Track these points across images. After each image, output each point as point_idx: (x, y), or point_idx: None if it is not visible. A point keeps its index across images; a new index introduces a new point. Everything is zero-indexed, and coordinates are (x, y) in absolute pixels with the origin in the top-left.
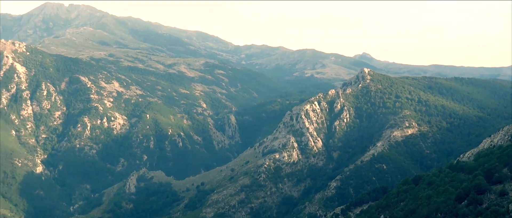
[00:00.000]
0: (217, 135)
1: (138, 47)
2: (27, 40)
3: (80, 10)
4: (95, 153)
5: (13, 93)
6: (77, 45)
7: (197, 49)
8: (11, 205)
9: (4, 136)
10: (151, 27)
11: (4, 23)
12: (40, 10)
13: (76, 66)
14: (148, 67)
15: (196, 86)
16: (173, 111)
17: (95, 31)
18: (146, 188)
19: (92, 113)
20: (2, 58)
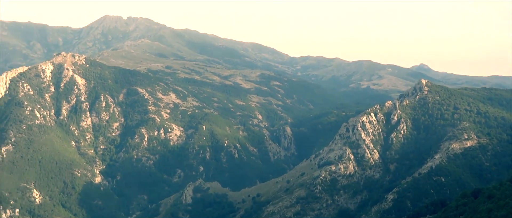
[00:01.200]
0: (272, 146)
1: (195, 59)
2: (86, 52)
3: (138, 23)
4: (152, 164)
5: (73, 105)
6: (135, 57)
7: (253, 61)
8: (71, 215)
9: (64, 147)
10: (208, 39)
11: (65, 36)
12: (100, 23)
13: (134, 78)
14: (205, 79)
15: (252, 98)
16: (229, 122)
17: (152, 43)
18: (202, 199)
19: (149, 124)
20: (63, 71)
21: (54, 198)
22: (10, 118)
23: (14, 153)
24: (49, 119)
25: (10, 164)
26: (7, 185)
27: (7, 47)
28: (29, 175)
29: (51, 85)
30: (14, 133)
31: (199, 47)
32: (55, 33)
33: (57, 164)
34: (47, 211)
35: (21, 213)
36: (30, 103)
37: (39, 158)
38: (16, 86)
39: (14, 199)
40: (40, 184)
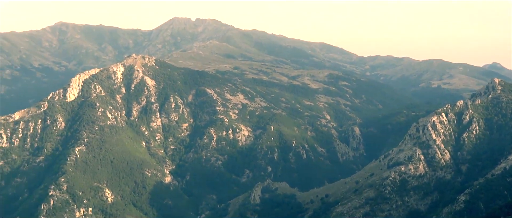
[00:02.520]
0: (341, 146)
1: (263, 60)
2: (156, 54)
3: (206, 25)
4: (221, 164)
5: (143, 106)
6: (203, 58)
7: (321, 61)
8: (142, 214)
9: (135, 147)
10: (275, 39)
11: (135, 38)
12: (169, 25)
13: (202, 79)
14: (272, 79)
15: (320, 98)
16: (297, 122)
17: (220, 44)
18: (271, 199)
19: (218, 125)
20: (133, 72)
21: (126, 197)
22: (83, 119)
23: (87, 153)
24: (120, 119)
25: (83, 164)
26: (80, 184)
27: (80, 49)
28: (101, 175)
29: (122, 86)
30: (87, 133)
31: (267, 48)
32: (126, 36)
33: (128, 164)
34: (119, 210)
35: (94, 212)
36: (102, 105)
37: (111, 158)
38: (88, 88)
39: (87, 198)
40: (112, 183)
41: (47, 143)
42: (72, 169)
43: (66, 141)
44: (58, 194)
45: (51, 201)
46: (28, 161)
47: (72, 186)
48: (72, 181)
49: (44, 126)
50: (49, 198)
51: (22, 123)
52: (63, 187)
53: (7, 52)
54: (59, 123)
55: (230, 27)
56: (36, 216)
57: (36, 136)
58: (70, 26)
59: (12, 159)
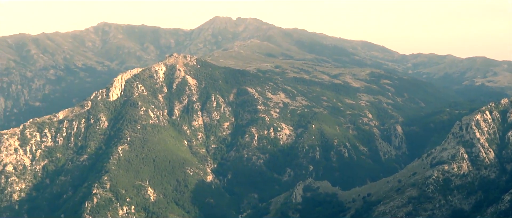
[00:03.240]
0: (383, 145)
1: (304, 58)
2: (197, 53)
3: (247, 24)
4: (262, 163)
5: (185, 105)
6: (244, 57)
7: (362, 59)
8: (184, 212)
9: (177, 146)
10: (316, 38)
11: (177, 38)
12: (210, 24)
13: (243, 78)
14: (314, 78)
15: (361, 96)
16: (339, 121)
17: (261, 43)
18: (312, 198)
19: (259, 124)
20: (175, 72)
21: (168, 195)
22: (125, 118)
23: (129, 152)
24: (162, 118)
25: (126, 162)
26: (123, 182)
27: (122, 49)
28: (144, 173)
29: (164, 86)
30: (130, 132)
31: (308, 46)
32: (167, 35)
33: (170, 162)
34: (161, 208)
35: (136, 210)
36: (144, 104)
37: (153, 156)
38: (131, 87)
39: (130, 197)
40: (154, 182)
41: (90, 142)
42: (115, 168)
43: (109, 139)
44: (102, 192)
45: (95, 199)
46: (72, 160)
47: (115, 185)
48: (115, 179)
49: (87, 125)
50: (92, 196)
51: (66, 122)
52: (106, 186)
53: (51, 52)
54: (102, 122)
55: (271, 26)
56: (80, 214)
57: (79, 135)
58: (113, 26)
59: (57, 157)
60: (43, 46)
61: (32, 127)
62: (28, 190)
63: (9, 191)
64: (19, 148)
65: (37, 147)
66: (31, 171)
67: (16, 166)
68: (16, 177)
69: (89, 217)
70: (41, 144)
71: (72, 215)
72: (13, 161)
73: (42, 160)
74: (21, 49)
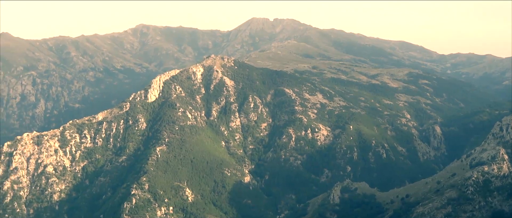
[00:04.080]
0: (421, 146)
1: (341, 59)
2: (235, 54)
3: (284, 24)
4: (299, 164)
5: (222, 106)
6: (281, 58)
7: (401, 59)
8: (222, 213)
9: (214, 147)
10: (354, 38)
11: (214, 39)
12: (247, 25)
13: (281, 79)
14: (351, 78)
15: (399, 97)
16: (377, 121)
17: (299, 44)
18: (350, 199)
19: (296, 124)
20: (212, 73)
21: (206, 196)
22: (163, 119)
23: (167, 152)
24: (200, 119)
25: (164, 163)
26: (161, 183)
27: (160, 51)
28: (181, 174)
29: (202, 87)
30: (168, 133)
31: (345, 47)
32: (205, 37)
33: (208, 163)
34: (199, 209)
35: (174, 210)
36: (182, 105)
37: (191, 157)
38: (169, 89)
39: (168, 197)
40: (192, 182)
41: (129, 143)
42: (154, 169)
43: (148, 141)
44: (140, 193)
45: (133, 200)
46: (111, 161)
47: (153, 185)
48: (153, 180)
49: (126, 126)
50: (131, 197)
51: (105, 123)
52: (145, 186)
53: (91, 54)
54: (141, 123)
55: (308, 26)
56: (119, 214)
57: (118, 136)
58: (151, 28)
59: (96, 158)
60: (82, 49)
61: (71, 129)
62: (68, 191)
63: (49, 191)
64: (59, 149)
65: (76, 148)
66: (71, 172)
67: (56, 167)
68: (56, 178)
69: (128, 217)
70: (80, 145)
71: (111, 215)
72: (53, 162)
73: (81, 161)
74: (61, 52)
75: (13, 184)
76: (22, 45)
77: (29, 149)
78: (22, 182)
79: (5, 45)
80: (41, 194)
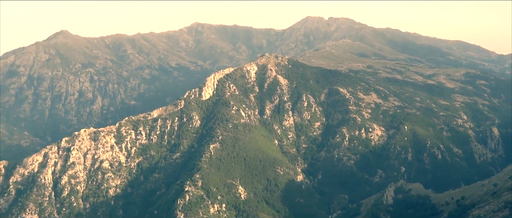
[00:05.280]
0: (478, 147)
1: (396, 59)
2: (289, 53)
3: (339, 23)
4: (353, 163)
5: (276, 105)
6: (336, 57)
7: (457, 59)
8: (274, 211)
9: (268, 146)
10: (409, 38)
11: (268, 38)
12: (301, 24)
13: (335, 78)
14: (406, 78)
15: (456, 98)
16: (432, 122)
17: (353, 43)
18: (404, 200)
19: (350, 124)
20: (266, 71)
21: (258, 194)
22: (217, 117)
23: (221, 150)
24: (254, 118)
25: (218, 161)
26: (214, 181)
27: (215, 49)
28: (234, 172)
29: (256, 85)
30: (221, 131)
31: (401, 46)
32: (259, 35)
33: (261, 161)
34: (251, 207)
35: (227, 208)
36: (236, 103)
37: (244, 155)
38: (223, 87)
39: (221, 195)
40: (245, 180)
41: (183, 140)
42: (207, 166)
43: (201, 138)
44: (194, 190)
45: (187, 196)
46: (165, 157)
47: (206, 182)
48: (206, 177)
49: (180, 124)
50: (185, 193)
51: (160, 120)
52: (198, 183)
53: (147, 52)
54: (195, 121)
55: (363, 25)
56: (172, 210)
57: (173, 133)
58: (206, 27)
59: (151, 155)
60: (138, 46)
61: (127, 125)
62: (123, 186)
63: (105, 186)
64: (115, 145)
65: (132, 144)
66: (126, 168)
67: (112, 163)
68: (112, 173)
69: (181, 214)
70: (136, 141)
71: (165, 211)
72: (109, 158)
73: (136, 157)
74: (118, 49)
75: (70, 178)
76: (80, 43)
77: (86, 145)
78: (79, 176)
79: (64, 43)
80: (97, 189)
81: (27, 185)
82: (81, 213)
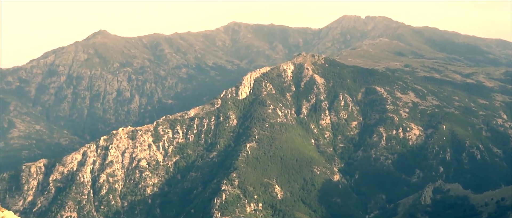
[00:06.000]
0: None
1: (434, 57)
2: (325, 52)
3: (376, 22)
4: (390, 163)
5: (312, 104)
6: (373, 56)
7: (497, 58)
8: (311, 211)
9: (304, 145)
10: (448, 36)
11: (305, 37)
12: (338, 23)
13: (372, 77)
14: (445, 77)
15: (495, 97)
16: (471, 122)
17: (391, 42)
18: (442, 201)
19: (387, 123)
20: (303, 70)
21: (295, 194)
22: (254, 116)
23: (257, 149)
24: (290, 117)
25: (254, 160)
26: (251, 180)
27: (251, 48)
28: (271, 171)
29: (292, 84)
30: (258, 130)
31: (439, 45)
32: (296, 34)
33: (297, 161)
34: (288, 206)
35: (264, 207)
36: (273, 102)
37: (280, 155)
38: (259, 86)
39: (257, 194)
40: (282, 180)
41: (220, 139)
42: (244, 165)
43: (238, 137)
44: (230, 189)
45: (224, 195)
46: (202, 156)
47: (243, 182)
48: (243, 176)
49: (217, 123)
50: (221, 192)
51: (197, 119)
52: (234, 182)
53: (184, 51)
54: (232, 120)
55: (401, 24)
56: (209, 209)
57: (209, 132)
58: (242, 26)
59: (187, 154)
60: (175, 46)
61: (164, 124)
62: (160, 185)
63: (142, 185)
64: (152, 144)
65: (169, 143)
66: (164, 167)
67: (150, 161)
68: (150, 172)
69: (218, 213)
70: (173, 140)
71: (202, 210)
72: (147, 157)
73: (173, 156)
74: (155, 49)
75: (108, 177)
76: (118, 43)
77: (124, 143)
78: (117, 175)
79: (102, 43)
80: (135, 187)
81: (66, 183)
82: (119, 211)
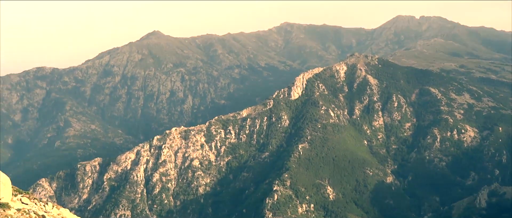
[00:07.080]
0: None
1: (491, 58)
2: (379, 53)
3: (430, 22)
4: (444, 165)
5: (365, 105)
6: (427, 57)
7: None
8: (363, 213)
9: (356, 146)
10: (505, 36)
11: (358, 37)
12: (392, 23)
13: (426, 78)
14: (501, 78)
15: None
16: None
17: (445, 42)
18: (498, 204)
19: (442, 125)
20: (356, 71)
21: (347, 195)
22: (306, 117)
23: (309, 150)
24: (343, 118)
25: (306, 161)
26: (303, 180)
27: (304, 49)
28: (323, 172)
29: (345, 85)
30: (310, 131)
31: (496, 45)
32: (349, 35)
33: (349, 162)
34: (340, 207)
35: (315, 208)
36: (325, 103)
37: (332, 155)
38: (312, 87)
39: (309, 195)
40: (334, 181)
41: (272, 140)
42: (295, 166)
43: (290, 138)
44: (282, 189)
45: (275, 196)
46: (254, 157)
47: (295, 182)
48: (295, 177)
49: (269, 123)
50: (273, 193)
51: (249, 119)
52: (286, 183)
53: (236, 52)
54: (284, 120)
55: (456, 24)
56: (261, 209)
57: (262, 133)
58: (295, 26)
59: (240, 154)
60: (228, 46)
61: (217, 124)
62: (212, 185)
63: (195, 184)
64: (205, 144)
65: (221, 143)
66: (216, 167)
67: (202, 161)
68: (202, 171)
69: (270, 213)
70: (225, 140)
71: (254, 210)
72: (199, 156)
73: (226, 156)
74: (208, 49)
75: (161, 176)
76: (172, 43)
77: (177, 143)
78: (170, 174)
79: (156, 43)
80: (188, 186)
81: (120, 182)
82: (172, 210)
